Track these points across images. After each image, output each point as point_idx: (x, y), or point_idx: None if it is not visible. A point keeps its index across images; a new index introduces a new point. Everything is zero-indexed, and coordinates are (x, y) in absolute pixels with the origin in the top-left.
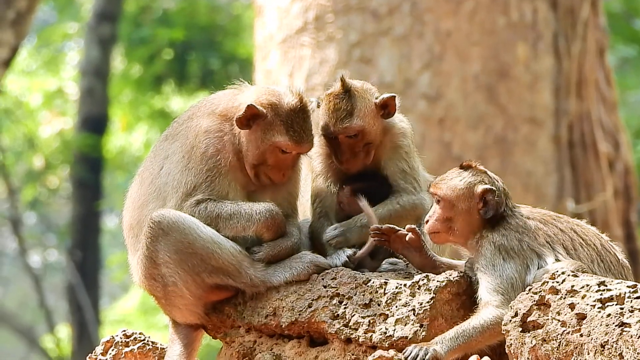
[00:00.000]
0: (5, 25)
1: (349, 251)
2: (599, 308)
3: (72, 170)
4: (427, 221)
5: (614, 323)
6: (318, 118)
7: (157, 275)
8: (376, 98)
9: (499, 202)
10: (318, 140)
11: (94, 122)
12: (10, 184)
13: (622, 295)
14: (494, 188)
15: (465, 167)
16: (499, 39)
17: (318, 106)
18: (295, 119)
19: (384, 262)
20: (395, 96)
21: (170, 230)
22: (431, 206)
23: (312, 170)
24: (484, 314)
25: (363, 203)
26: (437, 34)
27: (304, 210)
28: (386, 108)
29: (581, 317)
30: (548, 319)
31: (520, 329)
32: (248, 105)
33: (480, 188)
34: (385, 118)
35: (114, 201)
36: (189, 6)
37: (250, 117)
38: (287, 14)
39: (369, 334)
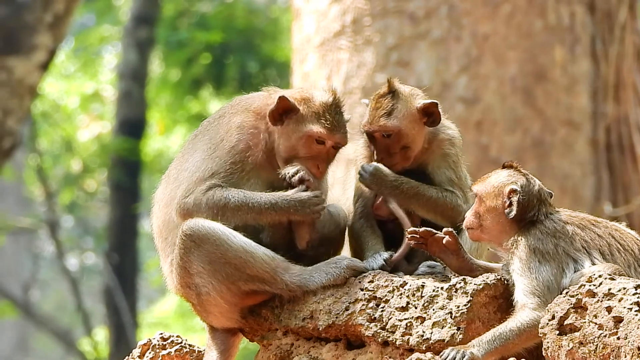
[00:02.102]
0: (42, 28)
1: (385, 254)
2: (636, 311)
3: (109, 173)
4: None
5: None
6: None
7: (191, 284)
8: (419, 103)
9: (524, 204)
10: (363, 142)
11: (132, 126)
12: (48, 188)
13: None
14: (519, 189)
15: (506, 167)
16: (536, 42)
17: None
18: (327, 110)
19: (421, 265)
20: (437, 103)
21: (202, 242)
22: None
23: (357, 171)
24: (520, 317)
25: (394, 205)
26: (474, 37)
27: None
28: (431, 116)
29: (618, 320)
30: (585, 322)
31: (558, 332)
32: (280, 97)
33: (508, 188)
34: (430, 126)
35: (151, 204)
36: (226, 9)
37: (283, 111)
38: (324, 17)
39: (406, 337)
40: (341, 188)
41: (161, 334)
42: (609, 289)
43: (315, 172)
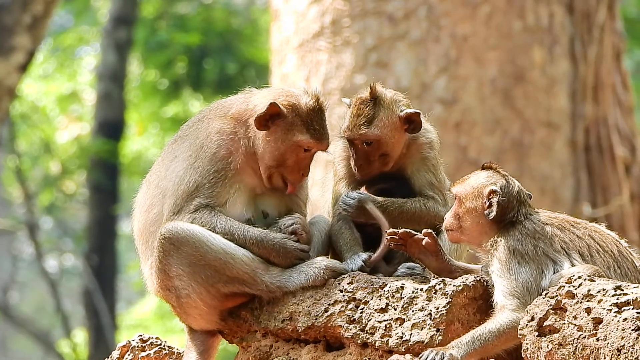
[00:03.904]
0: (21, 30)
1: (364, 255)
2: (615, 312)
3: (88, 175)
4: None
5: (630, 327)
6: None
7: (171, 287)
8: (401, 111)
9: (504, 205)
10: (342, 144)
11: (111, 127)
12: (27, 189)
13: (638, 299)
14: (499, 190)
15: (485, 168)
16: (515, 43)
17: (349, 107)
18: (314, 118)
19: (400, 267)
20: (419, 113)
21: (180, 245)
22: None
23: (335, 174)
24: (500, 318)
25: (370, 206)
26: (453, 38)
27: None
28: (412, 123)
29: (597, 321)
30: (564, 324)
31: (537, 333)
32: (271, 103)
33: (488, 189)
34: (411, 133)
35: (130, 206)
36: (205, 11)
37: (270, 117)
38: (303, 18)
39: (386, 339)
40: (320, 189)
41: (140, 335)
42: (589, 291)
43: (298, 178)
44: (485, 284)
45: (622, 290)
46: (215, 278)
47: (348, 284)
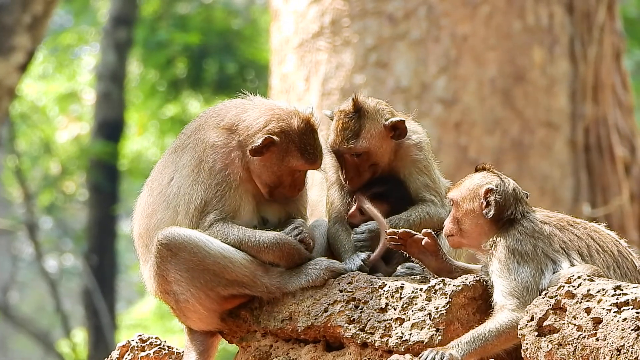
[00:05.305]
0: (21, 30)
1: (363, 254)
2: (615, 312)
3: (88, 175)
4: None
5: (629, 327)
6: (329, 131)
7: (169, 291)
8: (386, 120)
9: (501, 203)
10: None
11: (111, 127)
12: (27, 189)
13: (638, 299)
14: (495, 188)
15: (479, 170)
16: (515, 43)
17: (332, 118)
18: (307, 141)
19: (400, 267)
20: (404, 120)
21: (178, 251)
22: None
23: (326, 179)
24: (499, 318)
25: (369, 206)
26: (453, 38)
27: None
28: (397, 130)
29: (597, 321)
30: (564, 323)
31: (536, 333)
32: (265, 137)
33: (484, 188)
34: (397, 139)
35: (130, 206)
36: (205, 11)
37: (264, 146)
38: (303, 18)
39: (385, 339)
40: (319, 190)
41: (140, 335)
42: (588, 290)
43: (295, 195)
44: (484, 283)
45: (622, 290)
46: (214, 282)
47: (348, 283)
